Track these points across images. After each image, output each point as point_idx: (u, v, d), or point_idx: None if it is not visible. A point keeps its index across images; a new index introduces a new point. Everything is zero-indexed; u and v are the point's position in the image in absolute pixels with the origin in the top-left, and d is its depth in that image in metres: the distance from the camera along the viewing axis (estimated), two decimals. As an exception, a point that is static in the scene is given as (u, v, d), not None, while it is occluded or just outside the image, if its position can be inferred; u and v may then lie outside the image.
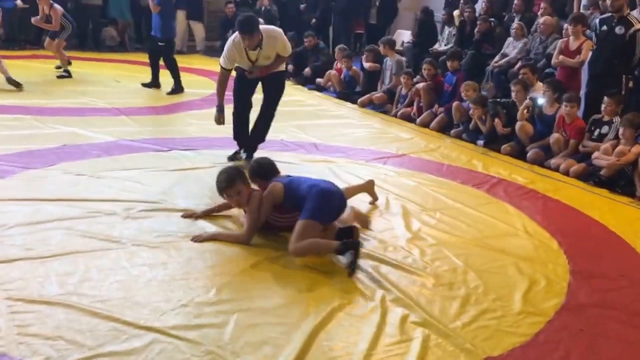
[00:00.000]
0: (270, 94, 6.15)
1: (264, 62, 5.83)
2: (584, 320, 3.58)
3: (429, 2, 13.66)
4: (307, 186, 4.23)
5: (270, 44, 5.74)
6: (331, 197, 4.23)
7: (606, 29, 7.12)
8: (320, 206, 4.11)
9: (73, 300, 3.34)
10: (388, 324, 3.37)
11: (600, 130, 6.60)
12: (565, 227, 5.08)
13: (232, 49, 5.73)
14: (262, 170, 4.57)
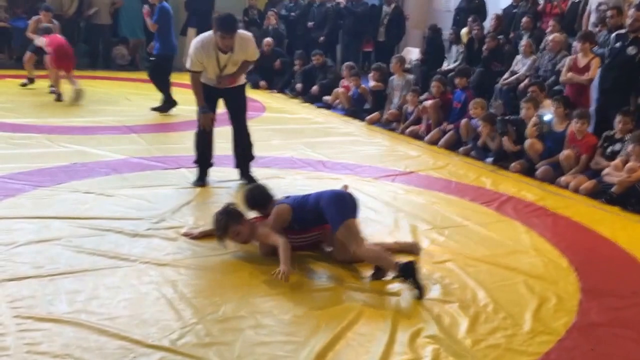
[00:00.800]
0: (237, 109, 5.95)
1: (231, 69, 5.62)
2: (595, 340, 3.55)
3: (437, 21, 13.71)
4: (314, 199, 4.25)
5: (242, 48, 5.56)
6: (342, 197, 4.27)
7: (619, 47, 7.12)
8: (342, 206, 4.15)
9: (81, 318, 3.34)
10: (397, 343, 3.35)
11: (613, 147, 6.57)
12: (575, 245, 5.05)
13: (200, 51, 5.47)
14: (256, 200, 4.52)
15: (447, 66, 11.06)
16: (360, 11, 12.73)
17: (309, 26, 13.26)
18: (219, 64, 5.55)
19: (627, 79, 7.06)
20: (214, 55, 5.49)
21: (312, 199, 4.29)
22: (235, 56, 5.56)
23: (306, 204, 4.27)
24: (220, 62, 5.55)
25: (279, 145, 7.78)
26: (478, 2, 12.04)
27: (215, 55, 5.49)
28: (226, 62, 5.56)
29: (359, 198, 5.46)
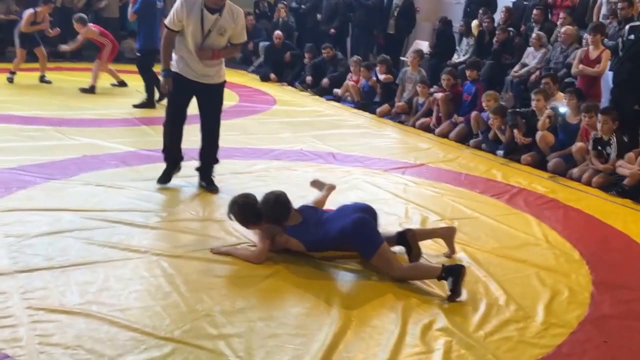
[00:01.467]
0: (212, 107, 5.53)
1: (215, 39, 5.16)
2: (607, 332, 3.53)
3: (447, 13, 13.62)
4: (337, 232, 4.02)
5: (232, 17, 5.16)
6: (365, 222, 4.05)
7: (633, 38, 7.06)
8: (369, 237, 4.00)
9: (93, 310, 3.34)
10: (408, 335, 3.35)
11: (606, 151, 6.50)
12: (587, 238, 5.03)
13: (184, 6, 5.05)
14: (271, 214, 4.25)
15: (457, 59, 11.00)
16: (372, 3, 12.66)
17: (318, 19, 13.20)
18: (202, 27, 5.09)
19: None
20: (199, 14, 5.06)
21: (335, 231, 4.03)
22: (222, 21, 5.12)
23: (326, 236, 4.07)
24: (204, 24, 5.09)
25: (289, 137, 7.77)
26: (489, -6, 11.95)
27: (201, 15, 5.06)
28: (211, 26, 5.10)
29: (370, 191, 5.50)
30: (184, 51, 5.24)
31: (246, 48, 13.70)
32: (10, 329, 3.11)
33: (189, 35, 5.16)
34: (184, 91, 5.35)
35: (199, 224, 4.73)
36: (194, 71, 5.27)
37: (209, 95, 5.43)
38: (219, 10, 5.10)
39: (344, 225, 4.01)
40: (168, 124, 5.57)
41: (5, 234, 4.25)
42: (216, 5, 5.07)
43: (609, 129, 6.38)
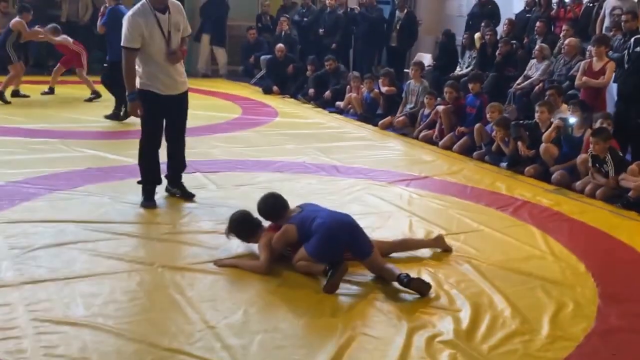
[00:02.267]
0: (181, 117, 5.51)
1: (176, 38, 5.16)
2: (615, 345, 3.52)
3: (450, 26, 13.67)
4: (317, 224, 4.14)
5: (176, 10, 5.22)
6: (337, 237, 4.12)
7: (639, 51, 7.03)
8: (324, 249, 4.07)
9: (99, 322, 3.35)
10: (413, 347, 3.34)
11: (602, 168, 6.45)
12: (592, 250, 5.02)
13: (137, 19, 5.03)
14: (269, 212, 4.44)
15: (460, 71, 11.03)
16: (375, 17, 12.72)
17: (320, 33, 13.25)
18: (162, 30, 5.07)
19: None
20: (154, 19, 5.05)
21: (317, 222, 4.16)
22: (174, 18, 5.16)
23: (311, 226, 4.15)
24: (162, 27, 5.07)
25: (292, 150, 7.79)
26: (491, 7, 12.00)
27: (156, 20, 5.05)
28: (169, 26, 5.11)
29: (373, 203, 5.50)
30: (152, 66, 5.17)
31: (248, 61, 13.80)
32: (15, 340, 3.12)
33: (152, 46, 5.10)
34: (159, 109, 5.28)
35: (205, 236, 4.73)
36: (166, 84, 5.22)
37: (179, 105, 5.39)
38: (166, 9, 5.12)
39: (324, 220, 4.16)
40: (147, 146, 5.39)
41: (10, 245, 4.26)
42: (162, 4, 5.09)
43: (601, 149, 6.38)
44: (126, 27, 5.07)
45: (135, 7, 5.13)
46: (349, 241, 4.15)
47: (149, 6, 5.07)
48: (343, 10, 13.17)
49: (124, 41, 5.10)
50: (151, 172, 5.46)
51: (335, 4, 13.15)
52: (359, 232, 4.21)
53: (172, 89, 5.27)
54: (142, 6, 5.09)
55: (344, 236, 4.14)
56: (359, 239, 4.18)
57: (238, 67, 14.59)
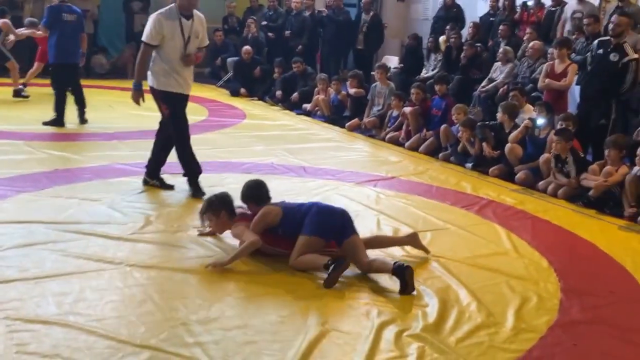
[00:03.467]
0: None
1: (193, 44, 5.58)
2: (576, 336, 3.63)
3: (415, 30, 13.83)
4: (307, 207, 4.32)
5: (199, 21, 5.65)
6: (331, 213, 4.32)
7: (601, 53, 7.17)
8: (320, 222, 4.22)
9: (69, 320, 3.35)
10: (383, 340, 3.40)
11: (564, 168, 6.64)
12: (555, 247, 5.15)
13: (161, 18, 5.45)
14: (252, 194, 4.60)
15: (426, 74, 11.17)
16: (342, 19, 12.81)
17: (286, 35, 13.30)
18: (183, 34, 5.49)
19: (609, 85, 7.13)
20: (178, 23, 5.48)
21: (306, 206, 4.35)
22: (195, 26, 5.57)
23: (298, 211, 4.31)
24: (184, 31, 5.49)
25: (261, 151, 7.82)
26: (456, 11, 12.16)
27: (180, 24, 5.48)
28: (189, 32, 5.52)
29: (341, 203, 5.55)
30: (167, 65, 5.55)
31: (214, 63, 13.77)
32: (-14, 339, 3.11)
33: (169, 47, 5.50)
34: (178, 105, 5.70)
35: (173, 235, 4.75)
36: (179, 82, 5.62)
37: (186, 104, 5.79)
38: (191, 16, 5.55)
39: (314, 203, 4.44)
40: (184, 140, 5.81)
41: (-22, 246, 4.23)
42: (189, 11, 5.53)
43: (563, 148, 6.55)
44: (151, 25, 5.49)
45: (164, 9, 5.58)
46: (340, 224, 4.28)
47: (176, 10, 5.51)
48: (310, 12, 13.24)
49: (145, 37, 5.53)
50: (190, 165, 5.84)
51: (301, 6, 13.21)
52: (348, 216, 4.38)
53: (184, 88, 5.67)
54: (169, 9, 5.55)
55: (337, 217, 4.31)
56: (346, 222, 4.33)
57: (204, 70, 14.54)
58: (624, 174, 6.13)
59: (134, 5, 14.02)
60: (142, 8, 14.10)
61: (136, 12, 14.02)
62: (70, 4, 8.81)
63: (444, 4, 12.35)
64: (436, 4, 13.39)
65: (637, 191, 6.02)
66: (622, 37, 7.09)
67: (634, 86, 7.16)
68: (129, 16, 14.16)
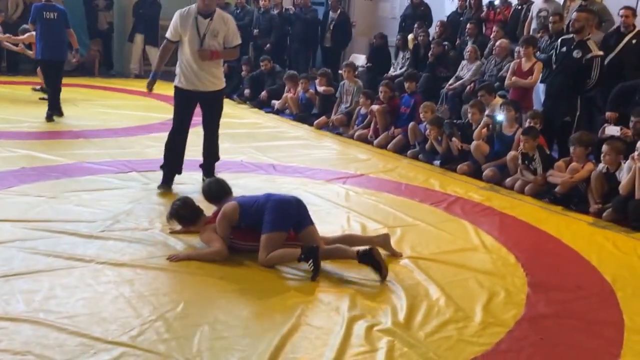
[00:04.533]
0: (212, 114, 6.16)
1: (211, 41, 5.77)
2: (543, 330, 3.70)
3: (383, 28, 13.93)
4: (263, 200, 4.36)
5: (223, 20, 5.82)
6: (287, 205, 4.38)
7: (565, 51, 7.29)
8: (278, 216, 4.28)
9: (40, 317, 3.33)
10: (353, 335, 3.44)
11: (532, 165, 6.76)
12: (521, 242, 5.24)
13: (179, 17, 5.77)
14: (212, 192, 4.73)
15: (394, 72, 11.25)
16: (310, 17, 12.83)
17: (254, 33, 13.27)
18: (198, 30, 5.71)
19: (574, 82, 7.26)
20: (194, 20, 5.70)
21: (262, 199, 4.39)
22: (214, 25, 5.74)
23: (254, 204, 4.37)
24: (200, 28, 5.70)
25: (229, 149, 7.78)
26: (423, 9, 12.27)
27: (195, 21, 5.70)
28: (205, 30, 5.71)
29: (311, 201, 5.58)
30: (183, 63, 5.86)
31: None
32: (-46, 338, 3.06)
33: (187, 43, 5.77)
34: (186, 103, 5.99)
35: (143, 232, 4.72)
36: (194, 81, 5.86)
37: (207, 102, 6.02)
38: (210, 15, 5.74)
39: (270, 195, 4.44)
40: (171, 133, 6.07)
41: (-56, 245, 4.16)
42: (207, 10, 5.72)
43: (530, 147, 6.68)
44: (172, 21, 5.85)
45: (187, 7, 5.85)
46: (296, 213, 4.37)
47: (195, 9, 5.76)
48: (278, 10, 13.22)
49: (168, 33, 5.93)
50: (169, 157, 6.03)
51: (269, 5, 13.19)
52: (302, 204, 4.46)
53: (196, 85, 5.87)
54: (189, 8, 5.83)
55: (293, 208, 4.37)
56: (303, 210, 4.43)
57: (172, 68, 14.41)
58: (590, 170, 6.26)
59: (99, 2, 13.84)
60: (107, 6, 13.95)
61: (100, 10, 13.84)
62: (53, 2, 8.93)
63: (411, 2, 12.44)
64: (404, 2, 13.49)
65: (602, 188, 6.15)
66: (584, 34, 7.20)
67: (599, 83, 7.29)
68: (90, 12, 13.95)
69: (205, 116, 6.17)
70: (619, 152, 6.09)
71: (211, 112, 6.12)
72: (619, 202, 5.87)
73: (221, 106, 6.24)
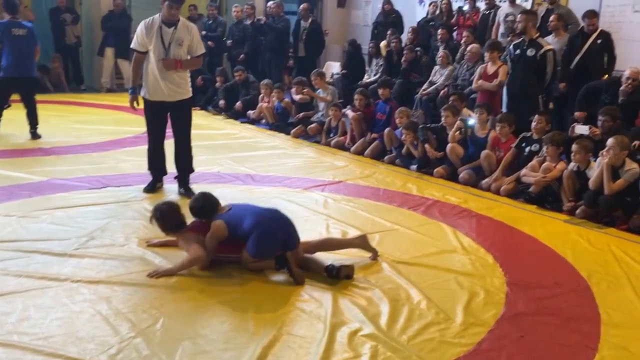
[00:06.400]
0: (181, 124, 6.16)
1: (176, 50, 5.82)
2: (523, 328, 3.72)
3: (356, 35, 13.98)
4: (250, 224, 4.25)
5: (187, 29, 5.88)
6: (272, 234, 4.28)
7: (519, 53, 7.62)
8: (261, 248, 4.24)
9: (14, 340, 3.26)
10: (337, 342, 3.42)
11: (531, 148, 6.84)
12: (499, 242, 5.27)
13: (143, 27, 5.81)
14: (201, 210, 4.56)
15: (368, 79, 11.28)
16: (281, 27, 12.82)
17: (228, 44, 13.25)
18: (162, 40, 5.76)
19: (533, 81, 7.53)
20: (158, 30, 5.77)
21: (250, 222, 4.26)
22: (178, 33, 5.80)
23: (242, 225, 4.27)
24: (164, 37, 5.76)
25: (206, 160, 7.74)
26: (394, 16, 12.33)
27: (159, 31, 5.77)
28: (170, 39, 5.77)
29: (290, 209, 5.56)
30: (148, 74, 5.91)
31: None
32: None
33: (153, 53, 5.81)
34: (155, 114, 6.03)
35: (119, 248, 4.66)
36: (159, 92, 5.90)
37: (178, 111, 6.04)
38: (175, 24, 5.81)
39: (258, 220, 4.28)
40: (149, 142, 6.22)
41: None
42: (170, 20, 5.78)
43: (541, 129, 6.83)
44: (137, 32, 5.91)
45: (150, 18, 5.91)
46: (284, 235, 4.31)
47: (159, 18, 5.83)
48: (251, 21, 13.21)
49: (133, 43, 5.97)
50: (152, 161, 6.25)
51: (242, 15, 13.18)
52: (290, 224, 4.39)
53: (161, 95, 5.92)
54: (152, 18, 5.88)
55: (280, 232, 4.30)
56: (290, 231, 4.36)
57: (143, 81, 14.33)
58: (562, 169, 6.32)
59: (66, 16, 13.71)
60: (74, 20, 13.82)
61: (67, 24, 13.70)
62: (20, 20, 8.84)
63: (382, 9, 12.50)
64: (375, 9, 13.55)
65: (574, 186, 6.21)
66: (532, 33, 7.55)
67: (555, 77, 7.67)
68: (57, 27, 13.79)
69: (174, 127, 6.17)
70: (588, 151, 6.16)
71: (180, 122, 6.13)
72: (590, 197, 5.93)
73: (190, 115, 6.21)
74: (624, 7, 9.67)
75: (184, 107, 6.08)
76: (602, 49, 8.28)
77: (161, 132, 6.17)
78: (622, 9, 9.68)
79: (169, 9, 5.71)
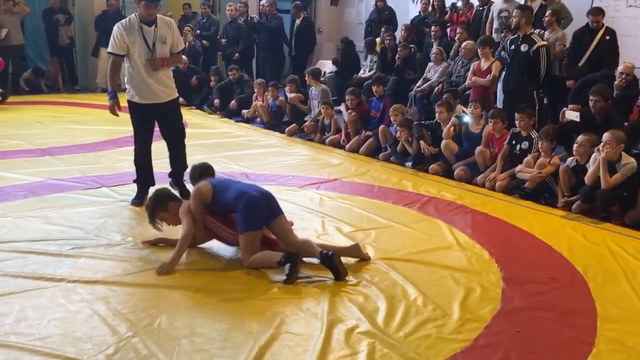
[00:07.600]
0: (173, 124, 5.96)
1: (161, 49, 5.60)
2: (519, 323, 3.73)
3: (349, 33, 13.98)
4: (234, 197, 4.39)
5: (167, 25, 5.66)
6: (258, 203, 4.40)
7: (514, 48, 7.69)
8: (250, 218, 4.34)
9: (11, 340, 3.26)
10: (334, 339, 3.43)
11: (521, 146, 6.87)
12: (494, 238, 5.28)
13: (121, 28, 5.51)
14: (197, 174, 4.90)
15: (363, 74, 11.29)
16: (274, 25, 12.82)
17: (222, 43, 13.24)
18: (146, 41, 5.52)
19: (527, 76, 7.60)
20: (139, 31, 5.52)
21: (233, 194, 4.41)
22: (160, 31, 5.57)
23: (226, 196, 4.44)
24: (147, 38, 5.52)
25: (201, 159, 7.66)
26: (388, 13, 12.35)
27: (141, 31, 5.52)
28: (153, 38, 5.55)
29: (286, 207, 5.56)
30: (134, 77, 5.66)
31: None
32: None
33: (137, 55, 5.57)
34: (144, 118, 5.80)
35: (115, 248, 4.67)
36: (148, 94, 5.68)
37: (170, 111, 5.84)
38: (154, 22, 5.56)
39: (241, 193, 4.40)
40: (136, 148, 5.96)
41: None
42: (149, 18, 5.53)
43: (526, 125, 6.85)
44: (114, 34, 5.58)
45: (125, 19, 5.65)
46: (267, 203, 4.44)
47: (136, 19, 5.55)
48: (244, 19, 13.20)
49: (110, 47, 5.64)
50: (140, 171, 5.99)
51: (236, 14, 13.17)
52: (271, 196, 4.55)
53: (151, 97, 5.68)
54: (129, 19, 5.61)
55: (264, 202, 4.42)
56: (273, 202, 4.52)
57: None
58: (556, 164, 6.34)
59: (59, 17, 13.67)
60: (67, 21, 13.79)
61: (61, 25, 13.66)
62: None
63: (376, 6, 12.51)
64: (369, 7, 13.56)
65: (570, 181, 6.23)
66: (526, 29, 7.60)
67: (549, 72, 7.73)
68: (50, 28, 13.76)
69: (166, 128, 5.95)
70: (592, 145, 6.12)
71: (171, 122, 5.92)
72: (586, 192, 5.94)
73: (180, 114, 6.04)
74: (618, 2, 9.71)
75: (174, 107, 5.90)
76: (610, 45, 8.37)
77: (149, 137, 5.93)
78: (616, 4, 9.73)
79: (147, 8, 5.44)
